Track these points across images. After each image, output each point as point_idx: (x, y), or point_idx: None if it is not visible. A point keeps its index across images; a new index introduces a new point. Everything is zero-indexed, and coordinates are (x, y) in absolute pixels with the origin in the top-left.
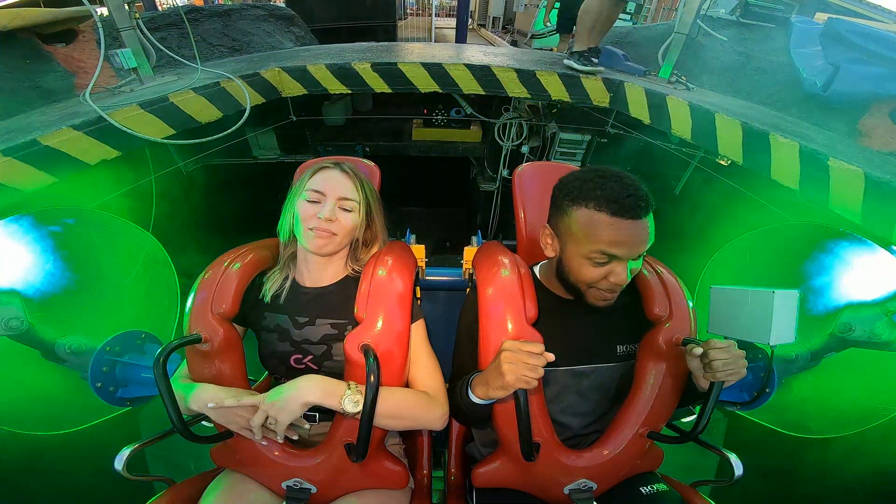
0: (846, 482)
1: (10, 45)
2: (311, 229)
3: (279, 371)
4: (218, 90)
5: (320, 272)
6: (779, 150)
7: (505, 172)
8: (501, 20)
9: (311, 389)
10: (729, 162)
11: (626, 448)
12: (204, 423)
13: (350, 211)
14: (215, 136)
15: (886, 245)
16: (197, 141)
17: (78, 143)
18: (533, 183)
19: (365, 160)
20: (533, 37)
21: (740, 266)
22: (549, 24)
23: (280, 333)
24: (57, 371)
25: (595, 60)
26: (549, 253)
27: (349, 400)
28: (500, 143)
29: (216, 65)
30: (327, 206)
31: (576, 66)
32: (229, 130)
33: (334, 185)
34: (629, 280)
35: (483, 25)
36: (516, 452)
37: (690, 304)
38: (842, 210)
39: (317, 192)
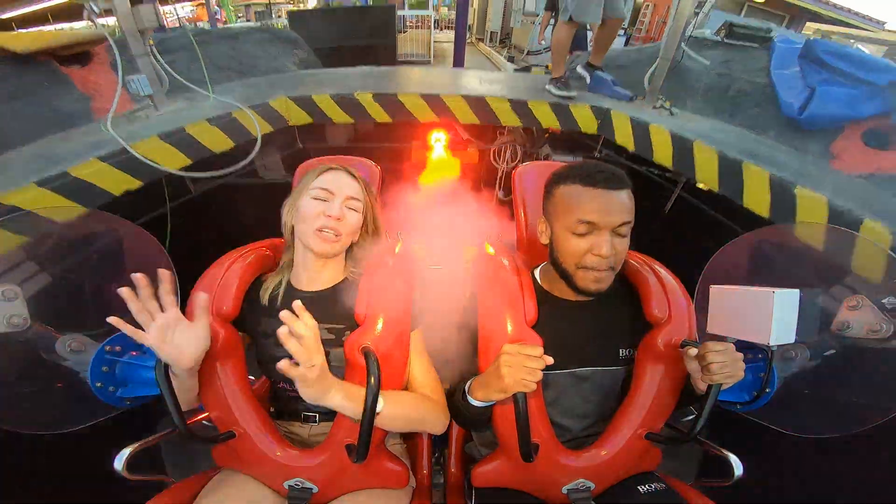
0: (846, 482)
1: (30, 68)
2: (318, 230)
3: (277, 376)
4: (230, 120)
5: (318, 273)
6: (751, 178)
7: (500, 194)
8: (499, 35)
9: (341, 404)
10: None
11: (625, 448)
12: (205, 422)
13: (355, 211)
14: (232, 169)
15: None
16: (214, 174)
17: (105, 175)
18: (533, 182)
19: (366, 160)
20: (529, 53)
21: (739, 266)
22: (543, 41)
23: (277, 338)
24: (57, 370)
25: (572, 86)
26: (544, 240)
27: None
28: (496, 164)
29: (226, 89)
30: (336, 204)
31: (554, 91)
32: (244, 161)
33: (342, 184)
34: (613, 254)
35: (481, 39)
36: (515, 453)
37: (690, 306)
38: None
39: (325, 189)
